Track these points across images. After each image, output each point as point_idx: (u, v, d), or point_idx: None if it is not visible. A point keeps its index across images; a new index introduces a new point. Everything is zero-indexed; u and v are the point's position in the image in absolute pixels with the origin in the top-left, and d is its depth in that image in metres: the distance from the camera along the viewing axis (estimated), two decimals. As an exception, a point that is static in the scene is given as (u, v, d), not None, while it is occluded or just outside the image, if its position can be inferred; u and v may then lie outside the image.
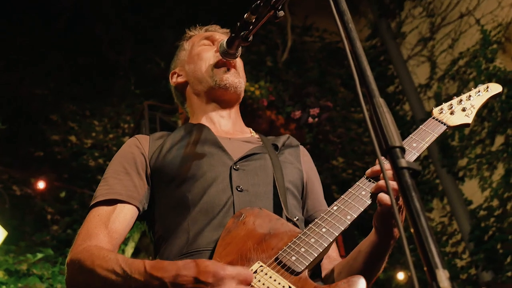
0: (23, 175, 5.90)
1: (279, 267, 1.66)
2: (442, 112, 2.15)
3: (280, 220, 1.85)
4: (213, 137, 2.10)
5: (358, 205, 1.82)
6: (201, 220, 1.87)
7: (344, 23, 1.42)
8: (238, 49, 2.18)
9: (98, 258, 1.71)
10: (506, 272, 6.67)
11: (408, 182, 1.16)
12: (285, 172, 2.05)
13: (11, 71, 6.55)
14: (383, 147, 1.22)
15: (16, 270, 5.55)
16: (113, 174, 2.01)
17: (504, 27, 7.41)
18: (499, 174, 7.09)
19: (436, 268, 1.04)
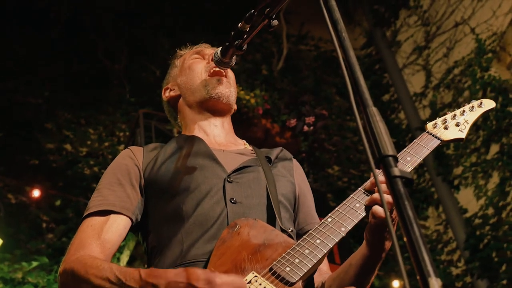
0: (18, 183, 5.88)
1: (273, 278, 1.67)
2: (436, 127, 2.18)
3: (274, 231, 1.87)
4: (207, 149, 2.12)
5: (352, 217, 1.83)
6: (195, 232, 1.88)
7: (337, 32, 1.42)
8: (232, 58, 2.18)
9: (91, 267, 1.72)
10: (501, 280, 6.67)
11: (401, 191, 1.16)
12: (278, 185, 2.07)
13: (6, 80, 6.54)
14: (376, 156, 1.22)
15: (11, 278, 5.54)
16: (106, 185, 2.03)
17: (499, 36, 7.42)
18: (494, 183, 7.09)
19: (429, 277, 1.04)
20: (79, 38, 7.15)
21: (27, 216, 5.94)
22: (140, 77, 6.75)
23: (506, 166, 6.94)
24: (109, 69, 7.29)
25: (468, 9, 7.92)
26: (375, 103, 4.63)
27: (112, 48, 7.32)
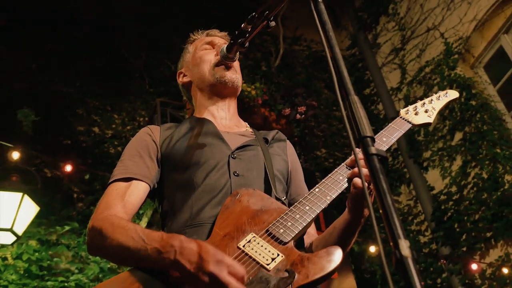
0: (53, 160, 5.88)
1: (269, 238, 1.72)
2: (408, 113, 2.20)
3: (270, 199, 1.89)
4: (215, 130, 2.14)
5: (336, 188, 1.86)
6: (203, 199, 1.90)
7: (325, 31, 1.43)
8: (236, 53, 2.21)
9: (118, 226, 1.74)
10: (462, 248, 6.70)
11: (377, 166, 1.17)
12: (273, 162, 2.11)
13: (43, 73, 6.54)
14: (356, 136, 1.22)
15: (47, 240, 5.57)
16: (129, 157, 2.06)
17: (464, 40, 7.42)
18: (457, 165, 7.11)
19: (399, 238, 1.05)
20: (105, 38, 7.15)
21: (60, 187, 5.96)
22: (158, 71, 6.74)
23: (468, 151, 6.95)
24: (131, 64, 7.29)
25: (438, 16, 7.91)
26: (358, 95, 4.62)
27: (133, 46, 7.32)
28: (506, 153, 6.52)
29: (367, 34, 9.22)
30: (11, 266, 5.26)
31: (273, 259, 1.64)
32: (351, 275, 5.95)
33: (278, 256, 1.65)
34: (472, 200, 6.76)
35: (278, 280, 1.58)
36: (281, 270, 1.62)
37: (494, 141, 6.63)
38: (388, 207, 1.08)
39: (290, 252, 1.67)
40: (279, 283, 1.57)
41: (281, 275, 1.60)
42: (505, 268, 6.09)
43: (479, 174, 6.77)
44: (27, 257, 5.32)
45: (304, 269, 1.62)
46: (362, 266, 6.64)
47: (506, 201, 6.24)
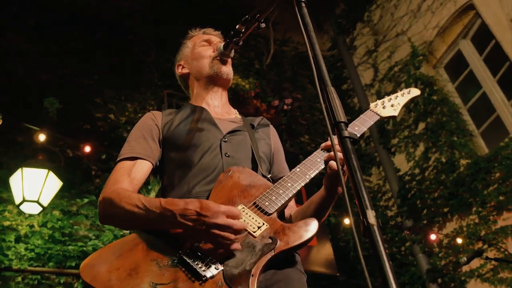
0: (74, 142, 5.87)
1: (256, 209, 1.73)
2: (376, 106, 2.23)
3: (258, 176, 1.90)
4: (209, 117, 2.14)
5: (315, 168, 1.87)
6: (198, 176, 1.92)
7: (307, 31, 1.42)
8: (231, 51, 2.20)
9: (124, 196, 1.75)
10: (423, 221, 6.75)
11: (349, 147, 1.17)
12: (259, 145, 2.12)
13: (66, 67, 6.52)
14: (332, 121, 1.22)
15: (69, 210, 5.57)
16: (134, 138, 2.06)
17: (428, 44, 7.42)
18: (420, 151, 7.14)
19: (367, 209, 1.05)
20: (120, 38, 7.14)
21: (81, 165, 5.94)
22: (165, 67, 6.72)
23: (429, 139, 6.97)
24: (142, 60, 7.27)
25: (406, 23, 7.90)
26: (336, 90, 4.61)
27: (144, 45, 7.30)
28: (462, 141, 6.55)
29: (345, 38, 9.20)
30: (37, 232, 5.26)
31: (259, 227, 1.66)
32: (329, 243, 5.98)
33: (263, 225, 1.67)
34: (432, 180, 6.80)
35: (262, 245, 1.61)
36: (266, 237, 1.64)
37: (452, 131, 6.66)
38: (358, 182, 1.08)
39: (274, 222, 1.70)
40: (263, 248, 1.60)
41: (266, 241, 1.62)
42: (459, 238, 6.13)
43: (438, 158, 6.80)
44: (51, 225, 5.32)
45: (285, 236, 1.64)
46: (338, 236, 6.67)
47: (461, 182, 6.28)
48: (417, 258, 6.61)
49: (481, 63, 6.89)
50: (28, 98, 6.03)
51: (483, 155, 6.27)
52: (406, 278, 6.63)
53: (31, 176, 5.04)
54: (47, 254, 5.17)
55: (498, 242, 5.63)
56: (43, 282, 5.10)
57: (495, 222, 5.83)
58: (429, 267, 6.40)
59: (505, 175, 5.78)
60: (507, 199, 5.70)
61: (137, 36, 7.29)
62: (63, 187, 5.37)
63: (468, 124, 6.86)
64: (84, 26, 6.96)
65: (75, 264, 5.19)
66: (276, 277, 1.68)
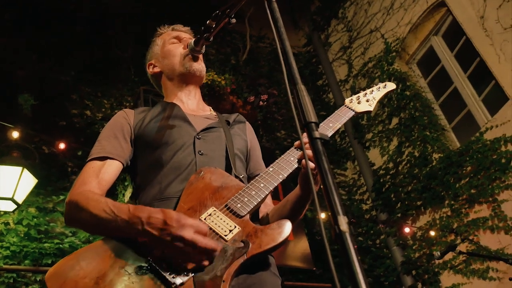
0: (50, 138, 5.73)
1: (228, 212, 1.65)
2: (352, 102, 2.14)
3: (230, 177, 1.82)
4: (182, 113, 2.04)
5: (288, 167, 1.79)
6: (171, 175, 1.83)
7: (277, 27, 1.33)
8: (202, 46, 2.11)
9: (91, 200, 1.65)
10: (397, 214, 6.75)
11: (320, 149, 1.10)
12: (234, 142, 2.02)
13: (42, 62, 6.37)
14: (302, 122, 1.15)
15: (45, 207, 5.46)
16: (105, 137, 1.96)
17: (401, 40, 7.42)
18: (394, 145, 7.14)
19: (338, 215, 0.98)
20: (98, 34, 6.99)
21: (56, 162, 5.81)
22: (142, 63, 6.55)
23: (402, 133, 6.97)
24: (119, 56, 7.13)
25: (379, 20, 7.88)
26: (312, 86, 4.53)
27: (121, 41, 7.17)
28: (434, 135, 6.56)
29: (320, 34, 9.17)
30: (12, 230, 5.14)
31: (230, 230, 1.59)
32: (305, 237, 5.93)
33: (235, 228, 1.60)
34: (406, 174, 6.80)
35: (234, 249, 1.53)
36: (237, 240, 1.57)
37: (425, 125, 6.67)
38: (329, 186, 1.01)
39: (246, 225, 1.62)
40: (235, 252, 1.52)
41: (237, 245, 1.55)
42: (432, 231, 6.14)
43: (411, 152, 6.80)
44: (26, 222, 5.20)
45: (258, 239, 1.57)
46: (314, 230, 6.63)
47: (433, 175, 6.28)
48: (392, 250, 6.61)
49: (452, 59, 6.90)
50: (2, 94, 5.87)
51: (455, 149, 6.28)
52: (381, 270, 6.63)
53: (5, 174, 4.92)
54: (23, 252, 5.04)
55: (470, 235, 5.65)
56: (19, 280, 4.97)
57: (467, 214, 5.84)
58: (403, 260, 6.40)
59: (476, 169, 5.79)
60: (478, 192, 5.71)
61: (115, 32, 7.16)
62: (38, 184, 5.25)
63: (440, 119, 6.87)
64: (61, 21, 6.80)
65: (51, 262, 5.07)
66: (249, 281, 1.61)
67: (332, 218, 0.98)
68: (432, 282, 6.08)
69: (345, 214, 0.98)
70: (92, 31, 7.00)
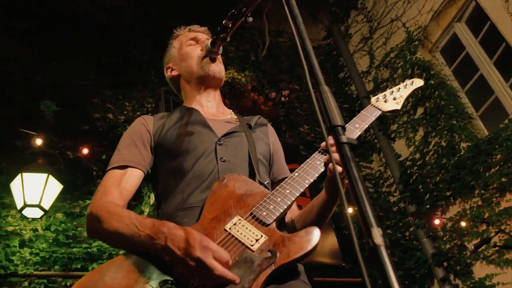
0: (74, 144, 5.76)
1: (253, 220, 1.58)
2: (378, 101, 2.05)
3: (254, 183, 1.74)
4: (202, 119, 1.97)
5: (314, 172, 1.71)
6: (193, 184, 1.75)
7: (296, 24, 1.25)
8: (219, 47, 2.03)
9: (114, 213, 1.60)
10: (426, 205, 6.63)
11: (348, 155, 1.02)
12: (257, 146, 1.93)
13: (62, 69, 6.40)
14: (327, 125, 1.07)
15: (72, 212, 5.50)
16: (124, 146, 1.90)
17: (423, 28, 7.28)
18: (420, 135, 7.02)
19: (372, 227, 0.90)
20: (115, 37, 6.99)
21: (81, 167, 5.84)
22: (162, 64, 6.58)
23: (428, 123, 6.84)
24: (139, 59, 7.14)
25: (400, 9, 7.74)
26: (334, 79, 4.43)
27: (140, 43, 7.17)
28: (461, 124, 6.41)
29: (340, 26, 9.05)
30: (41, 236, 5.18)
31: (256, 240, 1.51)
32: (333, 233, 5.84)
33: (261, 237, 1.52)
34: (433, 165, 6.66)
35: (261, 260, 1.46)
36: (265, 250, 1.49)
37: (451, 114, 6.52)
38: (360, 196, 0.93)
39: (273, 233, 1.55)
40: (262, 263, 1.45)
41: (264, 255, 1.48)
42: (463, 221, 6.01)
43: (438, 142, 6.66)
44: (54, 228, 5.24)
45: (286, 248, 1.49)
46: (342, 224, 6.54)
47: (462, 165, 6.14)
48: (422, 242, 6.49)
49: (477, 45, 6.72)
50: (25, 102, 5.91)
51: (483, 138, 6.12)
52: (412, 263, 6.52)
53: (31, 181, 4.96)
54: (52, 258, 5.08)
55: (502, 224, 5.50)
56: (50, 285, 5.01)
57: (498, 204, 5.69)
58: (434, 251, 6.28)
59: (506, 157, 5.63)
60: (509, 180, 5.56)
61: (133, 34, 7.16)
62: (64, 189, 5.27)
63: (467, 107, 6.71)
64: (80, 27, 6.83)
65: (80, 266, 5.11)
66: None
67: (365, 231, 0.90)
68: (465, 273, 5.96)
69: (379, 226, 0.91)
70: (109, 34, 7.01)
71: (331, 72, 8.84)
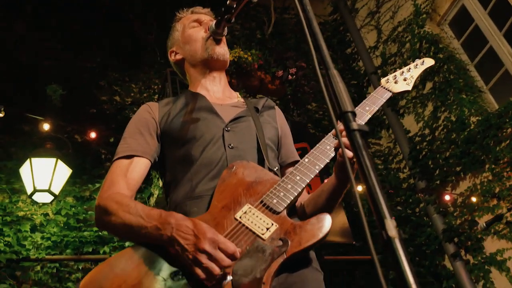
0: (81, 127, 5.75)
1: (264, 208, 1.56)
2: (388, 82, 2.00)
3: (263, 170, 1.71)
4: (208, 104, 1.93)
5: (324, 157, 1.67)
6: (201, 172, 1.73)
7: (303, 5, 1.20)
8: (224, 28, 1.99)
9: (121, 205, 1.58)
10: (436, 181, 6.59)
11: (360, 142, 0.98)
12: (264, 131, 1.89)
13: (68, 50, 6.35)
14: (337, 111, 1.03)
15: (81, 196, 5.52)
16: (130, 135, 1.87)
17: (431, 1, 7.18)
18: (429, 110, 6.95)
19: (385, 218, 0.86)
20: (121, 19, 6.94)
21: (89, 150, 5.83)
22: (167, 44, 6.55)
23: (437, 98, 6.76)
24: (144, 40, 7.08)
25: (407, -18, 7.61)
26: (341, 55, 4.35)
27: (145, 24, 7.11)
28: (471, 98, 6.33)
29: (346, 1, 8.91)
30: (52, 220, 5.21)
31: (267, 228, 1.50)
32: (342, 212, 5.83)
33: (272, 225, 1.50)
34: (443, 140, 6.60)
35: (273, 248, 1.44)
36: (276, 239, 1.48)
37: (460, 88, 6.44)
38: (372, 186, 0.89)
39: (284, 221, 1.53)
40: (274, 252, 1.43)
41: (276, 244, 1.46)
42: (474, 197, 5.97)
43: (448, 117, 6.59)
44: (65, 212, 5.26)
45: (297, 236, 1.47)
46: (352, 202, 6.51)
47: (472, 139, 6.08)
48: (432, 218, 6.46)
49: (486, 17, 6.60)
50: (32, 86, 5.89)
51: (494, 111, 6.05)
52: (422, 239, 6.50)
53: (40, 166, 4.96)
54: (64, 242, 5.12)
55: (513, 199, 5.46)
56: (62, 269, 5.04)
57: (509, 178, 5.64)
58: (444, 227, 6.25)
59: (517, 130, 5.57)
60: (520, 154, 5.50)
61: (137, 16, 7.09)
62: (74, 173, 5.29)
63: (476, 80, 6.62)
64: (84, 9, 6.77)
65: (92, 250, 5.15)
66: (290, 280, 1.53)
67: (378, 222, 0.87)
68: (476, 249, 5.94)
69: (392, 217, 0.87)
70: (114, 16, 6.94)
71: (338, 48, 8.74)
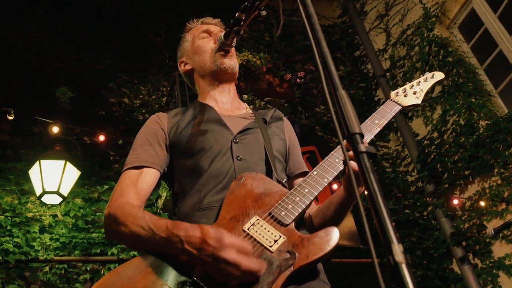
0: (90, 129, 5.78)
1: (272, 220, 1.56)
2: (398, 95, 1.99)
3: (272, 182, 1.72)
4: (217, 116, 1.94)
5: (333, 170, 1.68)
6: (210, 184, 1.74)
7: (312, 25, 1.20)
8: (233, 40, 2.00)
9: (130, 215, 1.59)
10: (444, 185, 6.57)
11: (367, 165, 0.98)
12: (273, 143, 1.90)
13: (77, 53, 6.39)
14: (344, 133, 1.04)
15: (90, 197, 5.55)
16: (139, 145, 1.89)
17: (440, 4, 7.15)
18: (437, 114, 6.92)
19: (392, 243, 0.87)
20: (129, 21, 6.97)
21: (98, 152, 5.87)
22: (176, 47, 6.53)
23: (446, 102, 6.73)
24: (152, 42, 7.10)
25: (416, -16, 7.59)
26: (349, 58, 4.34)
27: (153, 26, 7.14)
28: (480, 102, 6.31)
29: (355, 3, 8.90)
30: (61, 222, 5.24)
31: (275, 241, 1.50)
32: (350, 215, 5.83)
33: (280, 238, 1.51)
34: (452, 143, 6.57)
35: (280, 261, 1.44)
36: (283, 251, 1.48)
37: (469, 92, 6.41)
38: (380, 210, 0.90)
39: (291, 234, 1.53)
40: (281, 264, 1.44)
41: (283, 256, 1.46)
42: (482, 201, 5.95)
43: (457, 121, 6.56)
44: (74, 213, 5.30)
45: (305, 249, 1.47)
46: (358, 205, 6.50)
47: (481, 143, 6.05)
48: (440, 222, 6.44)
49: (496, 20, 6.57)
50: (41, 88, 5.93)
51: (503, 115, 6.02)
52: (430, 242, 6.48)
53: (49, 168, 5.01)
54: (72, 243, 5.15)
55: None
56: (70, 270, 5.08)
57: (518, 182, 5.61)
58: (453, 231, 6.23)
59: (527, 135, 5.54)
60: (529, 159, 5.48)
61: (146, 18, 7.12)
62: (82, 175, 5.33)
63: (486, 84, 6.59)
64: (93, 12, 6.81)
65: (100, 251, 5.18)
66: None
67: (386, 247, 0.87)
68: (484, 253, 5.91)
69: (399, 242, 0.88)
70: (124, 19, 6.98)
71: (346, 50, 8.72)
